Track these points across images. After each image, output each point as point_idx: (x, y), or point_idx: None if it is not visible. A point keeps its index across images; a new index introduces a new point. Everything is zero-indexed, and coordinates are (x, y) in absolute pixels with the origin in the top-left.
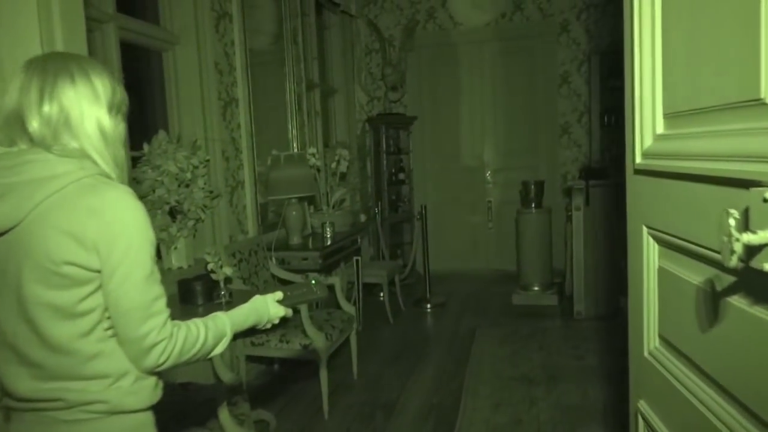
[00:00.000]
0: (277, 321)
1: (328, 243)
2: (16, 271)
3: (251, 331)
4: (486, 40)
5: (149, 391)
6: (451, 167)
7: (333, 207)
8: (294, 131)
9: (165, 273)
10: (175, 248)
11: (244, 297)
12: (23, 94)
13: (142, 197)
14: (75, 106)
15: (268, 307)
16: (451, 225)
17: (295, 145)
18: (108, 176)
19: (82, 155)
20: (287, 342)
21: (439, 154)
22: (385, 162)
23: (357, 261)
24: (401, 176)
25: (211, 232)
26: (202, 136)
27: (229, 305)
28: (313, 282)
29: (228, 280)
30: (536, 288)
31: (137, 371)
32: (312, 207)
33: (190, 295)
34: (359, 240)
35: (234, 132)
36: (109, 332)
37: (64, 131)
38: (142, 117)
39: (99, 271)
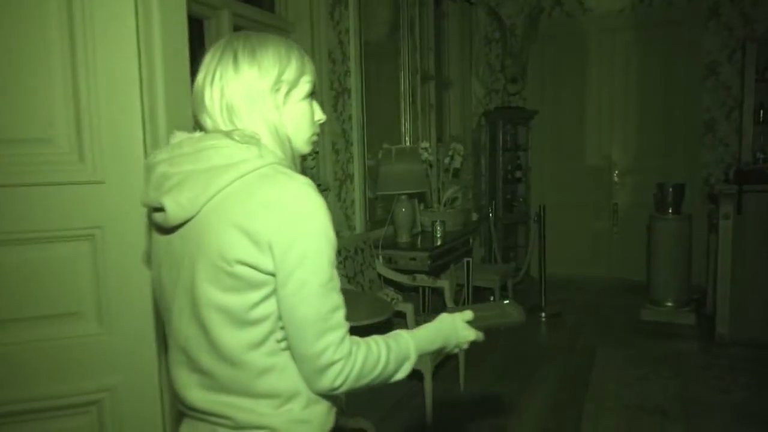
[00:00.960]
0: (466, 346)
1: (438, 243)
2: (191, 268)
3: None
4: (619, 28)
5: (322, 418)
6: (573, 166)
7: (444, 205)
8: (407, 124)
9: None
10: None
11: (348, 297)
12: (199, 77)
13: None
14: (237, 89)
15: (456, 328)
16: (571, 228)
17: (407, 138)
18: (288, 166)
19: (260, 142)
20: None
21: (560, 152)
22: (501, 159)
23: (468, 263)
24: (518, 174)
25: None
26: None
27: None
28: (506, 302)
29: None
30: (670, 303)
31: (309, 392)
32: (422, 204)
33: None
34: (471, 241)
35: (345, 124)
36: (282, 344)
37: (230, 116)
38: None
39: (273, 275)
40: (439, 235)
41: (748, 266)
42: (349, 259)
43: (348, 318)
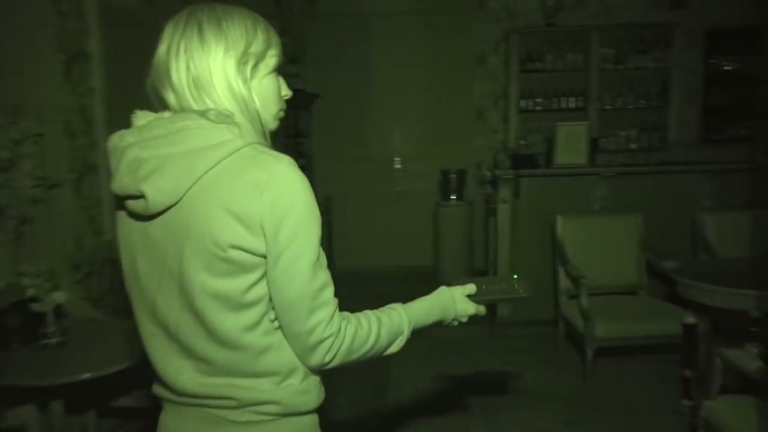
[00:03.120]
0: (465, 319)
1: None
2: (178, 256)
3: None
4: (399, 13)
5: (317, 389)
6: (356, 153)
7: None
8: None
9: None
10: None
11: (93, 330)
12: (162, 49)
13: None
14: (203, 62)
15: (455, 301)
16: (357, 218)
17: None
18: (264, 143)
19: (236, 121)
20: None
21: (344, 138)
22: (282, 146)
23: None
24: (301, 162)
25: (47, 235)
26: (33, 102)
27: (63, 347)
28: (516, 277)
29: (60, 310)
30: None
31: (305, 367)
32: None
33: (1, 335)
34: None
35: (84, 98)
36: (276, 323)
37: (198, 92)
38: None
39: (264, 256)
40: None
41: (523, 248)
42: (95, 276)
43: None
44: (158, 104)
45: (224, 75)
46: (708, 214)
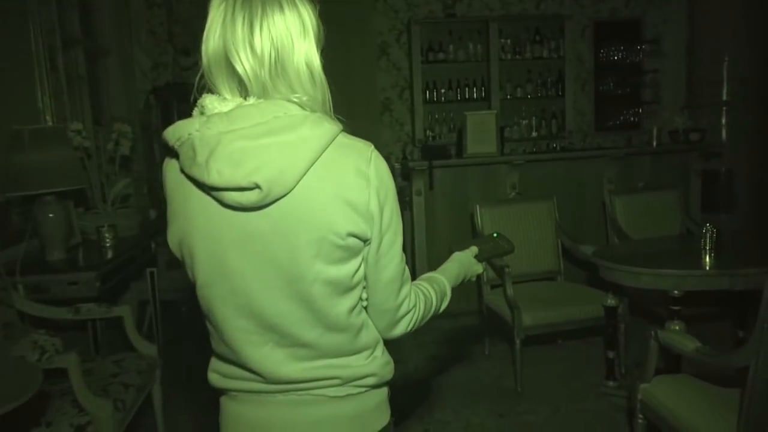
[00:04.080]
0: (474, 278)
1: (109, 255)
2: (288, 246)
3: None
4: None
5: (391, 360)
6: None
7: (113, 204)
8: (45, 99)
9: None
10: None
11: None
12: (228, 28)
13: None
14: (286, 38)
15: (471, 263)
16: None
17: (48, 117)
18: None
19: (318, 106)
20: (48, 425)
21: None
22: None
23: (152, 274)
24: None
25: None
26: None
27: None
28: (495, 235)
29: None
30: None
31: (381, 340)
32: (81, 206)
33: None
34: (153, 246)
35: None
36: (364, 302)
37: (276, 71)
38: None
39: (367, 240)
40: (109, 245)
41: (441, 239)
42: None
43: None
44: (224, 78)
45: (305, 57)
46: (617, 197)
